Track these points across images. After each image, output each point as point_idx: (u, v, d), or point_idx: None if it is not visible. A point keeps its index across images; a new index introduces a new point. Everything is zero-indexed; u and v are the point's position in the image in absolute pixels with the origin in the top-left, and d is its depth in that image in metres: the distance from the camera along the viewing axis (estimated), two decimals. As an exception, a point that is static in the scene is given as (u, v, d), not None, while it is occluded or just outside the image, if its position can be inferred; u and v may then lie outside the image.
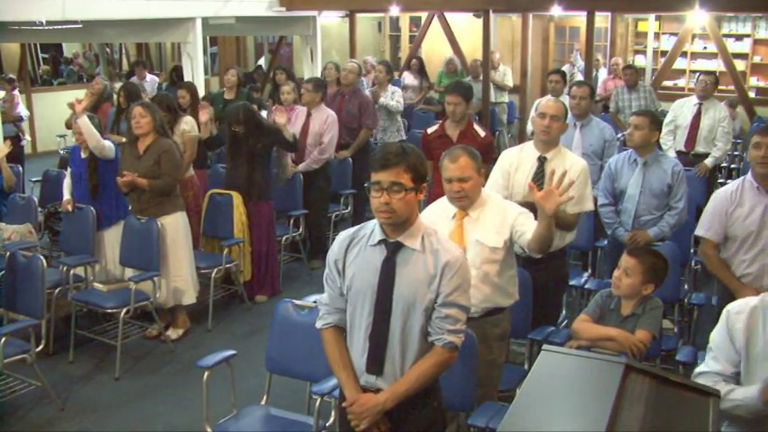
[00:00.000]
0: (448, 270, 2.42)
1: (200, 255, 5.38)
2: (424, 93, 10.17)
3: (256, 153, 5.38)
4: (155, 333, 5.01)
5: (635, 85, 7.94)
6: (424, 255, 2.44)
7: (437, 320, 2.44)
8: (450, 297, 2.42)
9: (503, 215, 3.14)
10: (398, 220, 2.41)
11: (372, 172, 2.41)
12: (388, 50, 14.12)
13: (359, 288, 2.49)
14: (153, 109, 4.87)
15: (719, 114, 6.51)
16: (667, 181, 4.37)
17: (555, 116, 3.82)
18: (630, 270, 3.15)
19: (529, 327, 3.69)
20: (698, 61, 11.71)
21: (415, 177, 2.40)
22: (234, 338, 5.05)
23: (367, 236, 2.52)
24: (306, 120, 6.26)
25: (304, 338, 3.20)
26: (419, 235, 2.46)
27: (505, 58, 11.35)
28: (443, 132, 4.87)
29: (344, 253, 2.53)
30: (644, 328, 3.08)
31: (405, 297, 2.43)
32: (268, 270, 5.70)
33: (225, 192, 5.45)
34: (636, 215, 4.42)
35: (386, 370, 2.48)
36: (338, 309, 2.58)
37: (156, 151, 4.77)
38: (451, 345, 2.45)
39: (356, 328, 2.52)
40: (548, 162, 3.81)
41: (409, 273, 2.43)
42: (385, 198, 2.37)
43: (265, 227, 5.59)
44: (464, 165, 3.07)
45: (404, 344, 2.46)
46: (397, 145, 2.44)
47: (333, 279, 2.57)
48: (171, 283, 4.91)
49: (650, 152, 4.43)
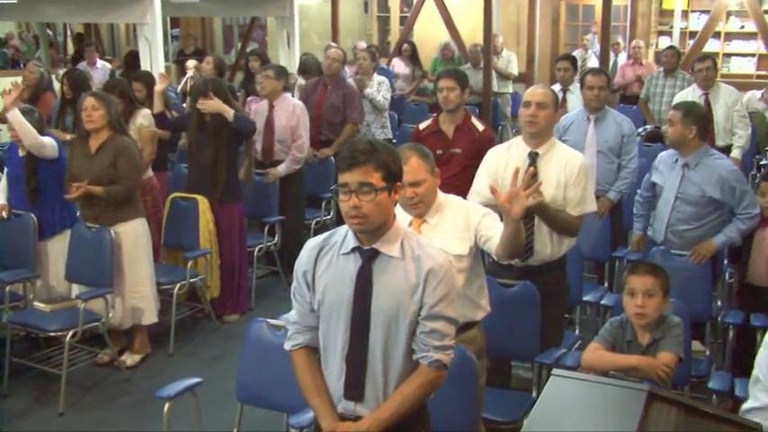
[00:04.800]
0: (432, 278, 2.43)
1: (161, 268, 5.36)
2: (416, 82, 10.19)
3: (222, 140, 5.36)
4: (107, 359, 4.97)
5: (674, 69, 7.93)
6: (405, 262, 2.45)
7: (422, 336, 2.45)
8: (435, 308, 2.44)
9: (465, 218, 3.16)
10: (371, 225, 2.42)
11: (339, 173, 2.43)
12: (376, 34, 14.15)
13: (332, 302, 2.49)
14: (108, 101, 4.84)
15: (730, 99, 6.57)
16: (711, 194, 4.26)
17: (541, 104, 3.80)
18: (653, 290, 3.16)
19: (536, 349, 3.70)
20: (733, 43, 11.74)
21: (386, 176, 2.41)
22: (200, 364, 5.03)
23: (339, 243, 2.53)
24: (269, 113, 6.23)
25: (280, 363, 3.17)
26: (398, 240, 2.48)
27: (510, 42, 11.39)
28: (438, 128, 4.88)
29: (314, 263, 2.54)
30: (667, 350, 3.09)
31: (385, 310, 2.44)
32: (239, 285, 5.69)
33: (189, 195, 5.44)
34: (669, 223, 4.41)
35: (366, 394, 2.49)
36: (309, 327, 2.59)
37: (112, 150, 4.75)
38: (439, 363, 2.46)
39: (331, 349, 2.53)
40: (540, 158, 3.82)
41: (388, 283, 2.45)
42: (354, 201, 2.38)
43: (236, 234, 5.58)
44: (415, 166, 3.06)
45: (386, 364, 2.47)
46: (364, 141, 2.46)
47: (302, 293, 2.57)
48: (127, 301, 4.89)
49: (693, 152, 4.35)
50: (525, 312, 3.62)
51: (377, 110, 7.42)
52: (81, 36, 13.71)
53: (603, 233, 5.00)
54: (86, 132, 4.80)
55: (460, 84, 4.80)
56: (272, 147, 6.23)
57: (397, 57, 10.57)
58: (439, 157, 4.24)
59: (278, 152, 6.24)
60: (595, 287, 4.92)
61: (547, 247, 3.81)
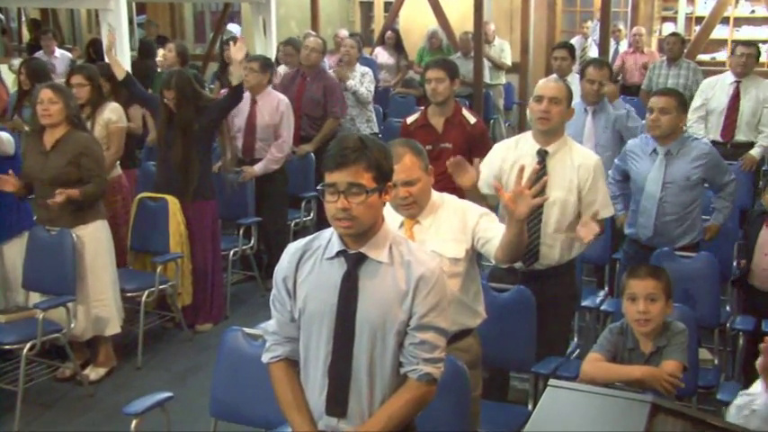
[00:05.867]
0: (422, 285, 2.43)
1: (129, 274, 5.34)
2: (402, 73, 10.20)
3: (193, 135, 5.35)
4: (68, 373, 4.94)
5: (677, 58, 7.97)
6: (393, 268, 2.45)
7: (411, 347, 2.45)
8: (425, 318, 2.44)
9: (461, 219, 3.16)
10: (360, 229, 2.41)
11: (326, 172, 2.41)
12: (359, 21, 14.16)
13: (314, 311, 2.49)
14: (66, 93, 4.82)
15: (764, 93, 6.49)
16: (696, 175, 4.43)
17: (554, 98, 3.82)
18: (655, 294, 3.17)
19: (532, 358, 3.70)
20: (743, 29, 11.81)
21: (377, 176, 2.40)
22: (170, 377, 5.01)
23: (323, 247, 2.52)
24: (251, 108, 6.22)
25: (257, 376, 3.15)
26: (386, 244, 2.48)
27: (502, 30, 11.41)
28: (426, 121, 4.89)
29: (295, 269, 2.53)
30: (672, 357, 3.10)
31: (371, 320, 2.44)
32: (213, 292, 5.67)
33: (158, 195, 5.43)
34: (657, 216, 4.46)
35: (350, 410, 2.48)
36: (289, 338, 2.59)
37: (71, 148, 4.70)
38: (429, 377, 2.46)
39: (312, 361, 2.52)
40: (550, 157, 3.83)
41: (376, 290, 2.44)
42: (342, 203, 2.37)
43: (208, 236, 5.57)
44: (409, 164, 3.07)
45: (371, 377, 2.46)
46: (354, 137, 2.44)
47: (282, 301, 2.57)
48: (90, 311, 4.86)
49: (676, 139, 4.48)
50: (520, 319, 3.62)
51: (361, 103, 7.41)
52: (37, 22, 13.60)
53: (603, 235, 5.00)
54: (41, 127, 4.76)
55: (450, 74, 4.81)
56: (253, 144, 6.21)
57: (381, 46, 10.58)
58: (429, 152, 4.22)
59: (259, 150, 6.21)
60: (595, 291, 4.96)
61: (555, 250, 3.82)
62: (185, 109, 5.32)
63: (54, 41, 10.11)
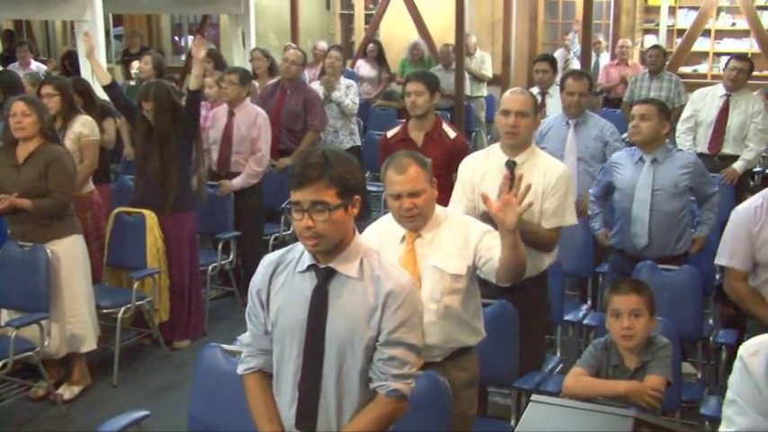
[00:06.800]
0: (391, 301, 2.45)
1: (104, 290, 5.31)
2: (383, 85, 10.22)
3: (171, 147, 5.34)
4: (42, 393, 4.89)
5: (659, 70, 8.07)
6: (363, 283, 2.47)
7: (380, 363, 2.47)
8: (394, 334, 2.45)
9: (464, 235, 3.16)
10: (328, 245, 2.44)
11: (291, 190, 2.44)
12: (339, 33, 14.19)
13: (286, 324, 2.52)
14: (39, 106, 4.81)
15: (753, 108, 6.55)
16: (684, 182, 4.51)
17: (521, 112, 3.83)
18: (639, 310, 3.19)
19: (514, 373, 3.71)
20: (724, 41, 11.96)
21: (342, 191, 2.42)
22: (147, 395, 4.98)
23: (295, 260, 2.55)
24: (228, 120, 6.24)
25: (236, 393, 3.12)
26: (356, 259, 2.50)
27: (484, 42, 11.50)
28: (406, 135, 4.90)
29: (269, 281, 2.56)
30: (655, 372, 3.12)
31: (340, 335, 2.46)
32: (191, 308, 5.65)
33: (135, 210, 5.40)
34: (651, 224, 4.49)
35: (319, 425, 2.50)
36: (263, 350, 2.62)
37: (43, 160, 4.69)
38: (398, 393, 2.48)
39: (283, 374, 2.55)
40: (518, 167, 3.85)
41: (345, 305, 2.47)
42: (307, 221, 2.39)
43: (186, 249, 5.55)
44: (414, 176, 3.08)
45: (340, 392, 2.49)
46: (317, 153, 2.45)
47: (256, 313, 2.61)
48: (65, 327, 4.82)
49: (660, 147, 4.56)
50: (502, 333, 3.62)
51: (345, 115, 7.44)
52: (11, 33, 13.55)
53: (586, 247, 5.04)
54: (14, 140, 4.73)
55: (429, 87, 4.82)
56: (229, 157, 6.22)
57: (362, 58, 10.60)
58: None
59: (234, 164, 6.22)
60: (577, 305, 4.98)
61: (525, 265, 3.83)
62: (164, 120, 5.31)
63: (30, 53, 10.08)
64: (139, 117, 5.41)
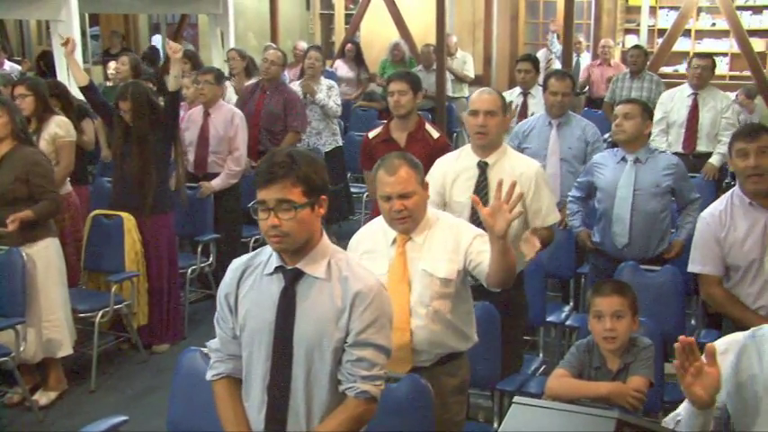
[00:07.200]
0: (359, 302, 2.46)
1: (82, 294, 5.29)
2: (363, 86, 10.22)
3: (149, 148, 5.32)
4: (17, 399, 4.86)
5: (640, 71, 8.14)
6: (331, 284, 2.49)
7: (348, 365, 2.49)
8: (362, 335, 2.47)
9: (455, 238, 3.16)
10: (293, 245, 2.46)
11: (257, 189, 2.46)
12: (319, 33, 14.18)
13: (254, 328, 2.53)
14: (11, 107, 4.78)
15: (722, 104, 6.71)
16: (666, 183, 4.54)
17: (490, 111, 3.86)
18: (621, 311, 3.21)
19: (496, 375, 3.73)
20: (704, 41, 12.08)
21: (307, 190, 2.44)
22: (125, 400, 4.96)
23: (263, 263, 2.58)
24: (204, 121, 6.23)
25: (215, 398, 3.16)
26: (324, 260, 2.52)
27: (465, 42, 11.52)
28: (388, 136, 4.92)
29: (237, 285, 2.59)
30: (638, 373, 3.14)
31: (308, 337, 2.47)
32: (170, 311, 5.64)
33: (113, 213, 5.38)
34: (632, 223, 4.53)
35: (288, 428, 2.51)
36: (231, 355, 2.64)
37: (18, 164, 4.65)
38: (367, 395, 2.49)
39: (253, 378, 2.56)
40: (490, 168, 3.88)
41: (312, 307, 2.48)
42: (273, 220, 2.42)
43: (165, 252, 5.53)
44: (405, 177, 3.08)
45: (309, 395, 2.50)
46: (284, 153, 2.48)
47: (224, 318, 2.63)
48: (41, 332, 4.78)
49: (642, 147, 4.60)
50: (484, 335, 3.63)
51: (328, 117, 7.43)
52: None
53: (568, 247, 5.06)
54: None
55: (413, 87, 4.85)
56: (206, 158, 6.22)
57: (340, 59, 10.60)
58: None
59: (212, 165, 6.22)
60: (560, 306, 5.00)
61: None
62: (141, 121, 5.29)
63: (3, 54, 9.99)
64: (116, 118, 5.39)
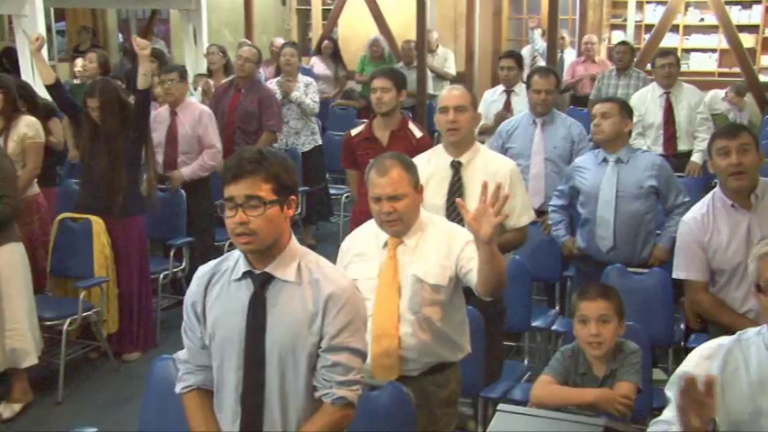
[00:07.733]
0: (332, 305, 2.46)
1: (48, 300, 5.24)
2: (341, 84, 10.21)
3: (119, 147, 5.27)
4: (-20, 412, 4.81)
5: (627, 68, 8.16)
6: (302, 287, 2.48)
7: (323, 370, 2.48)
8: (337, 339, 2.46)
9: (447, 244, 3.15)
10: (261, 244, 2.44)
11: (224, 185, 2.45)
12: (296, 29, 14.17)
13: (224, 336, 2.52)
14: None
15: (694, 99, 6.80)
16: (649, 183, 4.53)
17: (459, 107, 3.89)
18: (607, 316, 3.21)
19: (480, 382, 3.72)
20: (693, 37, 12.16)
21: (277, 188, 2.43)
22: (95, 411, 4.92)
23: (230, 269, 2.56)
24: (172, 121, 6.21)
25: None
26: (294, 262, 2.51)
27: (446, 38, 11.54)
28: (371, 134, 4.92)
29: (204, 293, 2.57)
30: (625, 379, 3.14)
31: (280, 343, 2.46)
32: (141, 318, 5.60)
33: (80, 216, 5.33)
34: (616, 226, 4.53)
35: None
36: (201, 366, 2.62)
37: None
38: (344, 400, 2.49)
39: (224, 388, 2.55)
40: (464, 167, 3.88)
41: (284, 312, 2.47)
42: (240, 217, 2.40)
43: (136, 256, 5.49)
44: (397, 178, 3.08)
45: (284, 403, 2.49)
46: (253, 150, 2.48)
47: (192, 328, 2.61)
48: (4, 342, 4.73)
49: (623, 147, 4.61)
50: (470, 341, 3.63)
51: (306, 115, 7.42)
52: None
53: (553, 251, 5.06)
54: None
55: (396, 84, 4.85)
56: (176, 158, 6.19)
57: (317, 56, 10.57)
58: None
59: (181, 164, 6.20)
60: (545, 311, 5.00)
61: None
62: (110, 119, 5.24)
63: (-36, 51, 9.91)
64: (84, 116, 5.34)
